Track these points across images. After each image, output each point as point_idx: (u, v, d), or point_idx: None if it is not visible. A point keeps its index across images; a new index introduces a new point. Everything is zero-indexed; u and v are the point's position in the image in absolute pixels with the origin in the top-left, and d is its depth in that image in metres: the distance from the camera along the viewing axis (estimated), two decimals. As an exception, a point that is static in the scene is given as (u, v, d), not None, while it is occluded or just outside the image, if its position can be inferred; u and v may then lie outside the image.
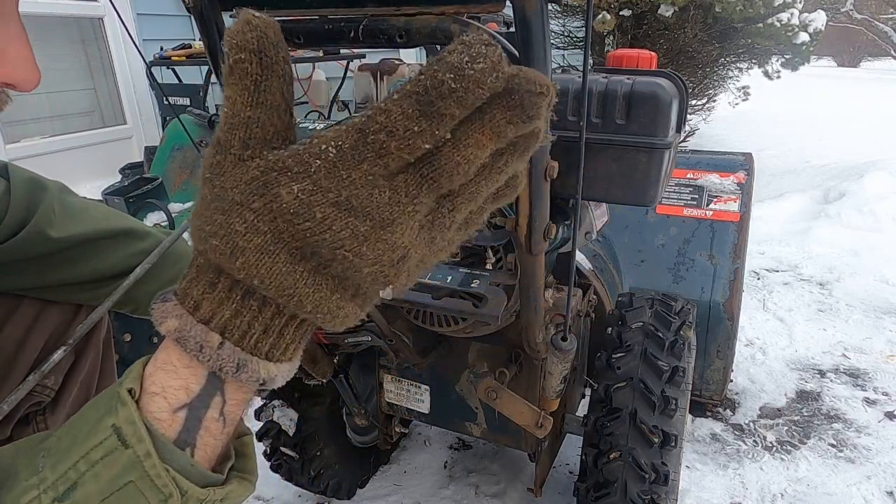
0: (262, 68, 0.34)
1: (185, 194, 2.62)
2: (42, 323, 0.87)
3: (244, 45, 0.34)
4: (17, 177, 0.83)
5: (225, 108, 0.35)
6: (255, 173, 0.34)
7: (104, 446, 0.37)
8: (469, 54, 0.31)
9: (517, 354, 1.23)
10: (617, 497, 1.16)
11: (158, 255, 0.94)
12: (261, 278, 0.35)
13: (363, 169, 0.33)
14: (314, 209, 0.33)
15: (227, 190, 0.35)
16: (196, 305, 0.38)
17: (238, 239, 0.35)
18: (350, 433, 1.60)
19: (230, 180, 0.35)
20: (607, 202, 1.13)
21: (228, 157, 0.35)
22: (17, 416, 0.85)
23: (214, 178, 0.36)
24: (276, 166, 0.34)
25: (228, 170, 0.35)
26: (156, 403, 0.39)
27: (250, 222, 0.34)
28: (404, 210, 0.35)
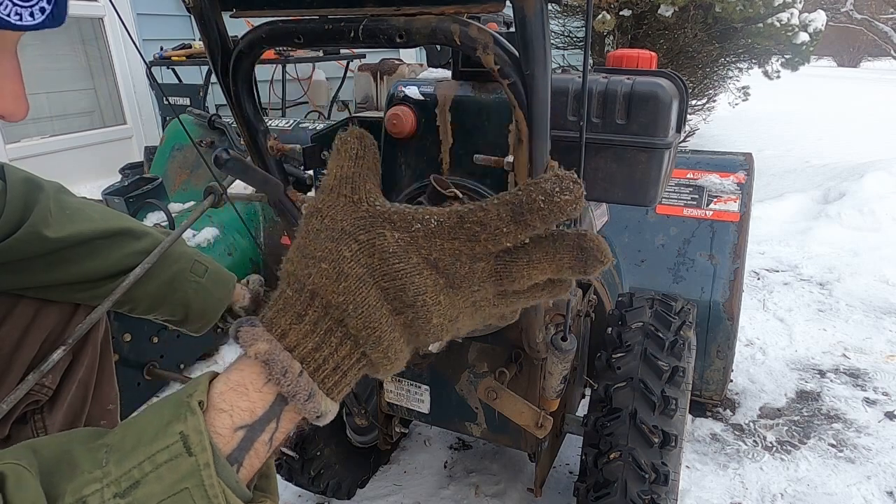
0: (362, 146, 0.45)
1: (185, 194, 2.62)
2: (39, 322, 0.87)
3: (352, 134, 0.45)
4: (13, 177, 0.83)
5: (332, 170, 0.44)
6: (363, 213, 0.42)
7: (170, 450, 0.39)
8: (560, 186, 0.40)
9: (517, 354, 1.23)
10: (617, 497, 1.16)
11: (158, 255, 0.94)
12: (355, 305, 0.41)
13: (454, 245, 0.41)
14: (410, 255, 0.41)
15: (337, 221, 0.42)
16: (283, 334, 0.42)
17: (344, 265, 0.41)
18: (350, 433, 1.60)
19: (341, 213, 0.42)
20: (607, 202, 1.13)
21: (341, 198, 0.43)
22: (14, 415, 0.86)
23: (325, 209, 0.43)
24: (383, 215, 0.42)
25: (341, 206, 0.43)
26: (220, 420, 0.41)
27: (355, 251, 0.41)
28: (472, 287, 0.43)
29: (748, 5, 4.03)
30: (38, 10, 0.50)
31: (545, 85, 0.54)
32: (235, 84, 0.71)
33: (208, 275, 1.05)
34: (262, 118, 0.82)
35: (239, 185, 2.25)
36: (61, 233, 0.85)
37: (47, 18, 0.51)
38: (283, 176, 0.91)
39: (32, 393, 0.86)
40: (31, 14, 0.49)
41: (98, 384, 1.00)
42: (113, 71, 4.62)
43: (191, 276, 1.02)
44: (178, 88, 3.91)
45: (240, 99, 0.73)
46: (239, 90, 0.72)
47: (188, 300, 1.02)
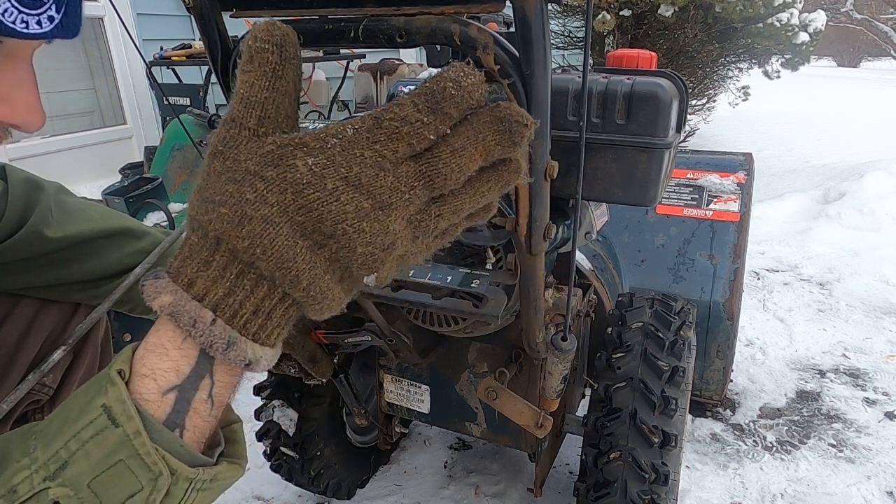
0: (282, 59, 0.38)
1: (185, 194, 2.62)
2: (40, 322, 0.87)
3: (268, 38, 0.38)
4: (14, 177, 0.83)
5: (241, 90, 0.39)
6: (270, 147, 0.37)
7: (94, 425, 0.38)
8: (463, 71, 0.39)
9: (517, 354, 1.23)
10: (617, 497, 1.16)
11: (158, 254, 0.94)
12: (263, 248, 0.37)
13: (375, 149, 0.37)
14: (326, 181, 0.37)
15: (240, 162, 0.38)
16: (190, 283, 0.39)
17: (247, 207, 0.36)
18: (350, 433, 1.60)
19: (244, 152, 0.38)
20: (607, 202, 1.13)
21: (244, 131, 0.38)
22: (15, 415, 0.86)
23: (227, 150, 0.38)
24: (294, 142, 0.38)
25: (243, 143, 0.38)
26: (145, 385, 0.39)
27: (260, 192, 0.37)
28: (402, 197, 0.39)
29: (748, 5, 4.03)
30: (47, 18, 0.48)
31: (545, 85, 0.54)
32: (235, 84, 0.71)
33: (208, 275, 1.05)
34: (262, 118, 0.82)
35: (239, 185, 2.25)
36: (62, 233, 0.85)
37: (57, 28, 0.49)
38: (283, 176, 0.91)
39: (33, 393, 0.86)
40: (38, 22, 0.48)
41: (98, 384, 1.00)
42: (113, 71, 4.62)
43: (191, 275, 1.02)
44: (178, 88, 3.91)
45: (240, 99, 0.73)
46: (239, 90, 0.72)
47: (188, 300, 1.02)
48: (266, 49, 0.38)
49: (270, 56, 0.38)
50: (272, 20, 0.39)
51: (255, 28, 0.39)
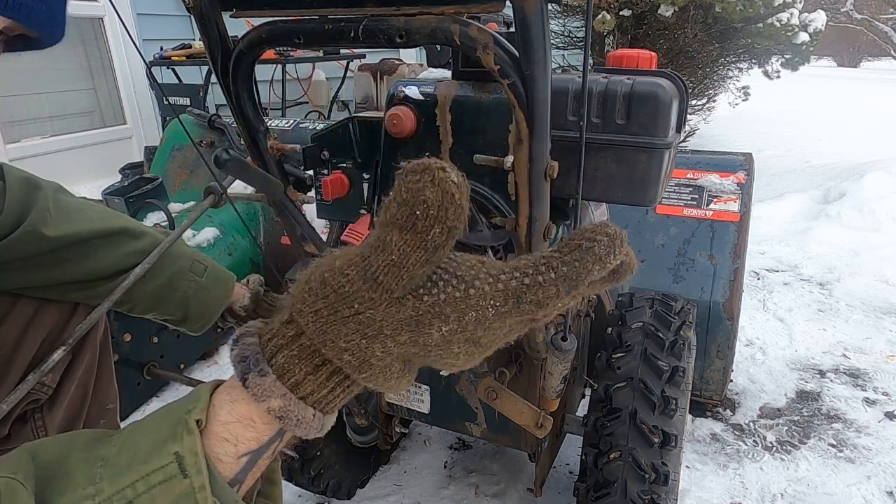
0: (448, 239, 0.37)
1: (185, 194, 2.62)
2: (39, 322, 0.87)
3: (441, 218, 0.36)
4: (12, 177, 0.83)
5: (393, 254, 0.37)
6: (410, 313, 0.38)
7: (164, 471, 0.38)
8: (615, 251, 0.38)
9: (517, 354, 1.23)
10: (617, 497, 1.16)
11: (158, 255, 0.94)
12: (371, 381, 0.40)
13: (504, 321, 0.39)
14: (452, 345, 0.39)
15: (376, 321, 0.38)
16: (297, 384, 0.41)
17: (372, 359, 0.39)
18: (350, 433, 1.60)
19: (382, 314, 0.38)
20: (607, 202, 1.13)
21: (385, 295, 0.38)
22: (15, 414, 0.86)
23: (364, 308, 0.38)
24: (433, 310, 0.38)
25: (382, 307, 0.38)
26: (223, 448, 0.41)
27: (388, 349, 0.39)
28: (503, 340, 0.42)
29: (748, 5, 4.03)
30: None
31: (545, 85, 0.54)
32: (235, 84, 0.71)
33: (208, 274, 1.05)
34: (262, 118, 0.82)
35: (239, 185, 2.25)
36: (60, 232, 0.85)
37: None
38: (283, 176, 0.91)
39: (32, 392, 0.86)
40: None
41: (98, 384, 1.00)
42: (113, 71, 4.62)
43: (190, 275, 1.02)
44: (178, 88, 3.90)
45: (240, 99, 0.73)
46: (239, 90, 0.72)
47: (187, 300, 1.02)
48: (436, 230, 0.36)
49: (439, 238, 0.36)
50: (445, 176, 0.36)
51: (426, 181, 0.35)
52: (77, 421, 0.97)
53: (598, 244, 0.38)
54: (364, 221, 1.49)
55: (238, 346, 0.42)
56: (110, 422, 1.04)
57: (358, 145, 1.13)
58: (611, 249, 0.38)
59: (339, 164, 1.20)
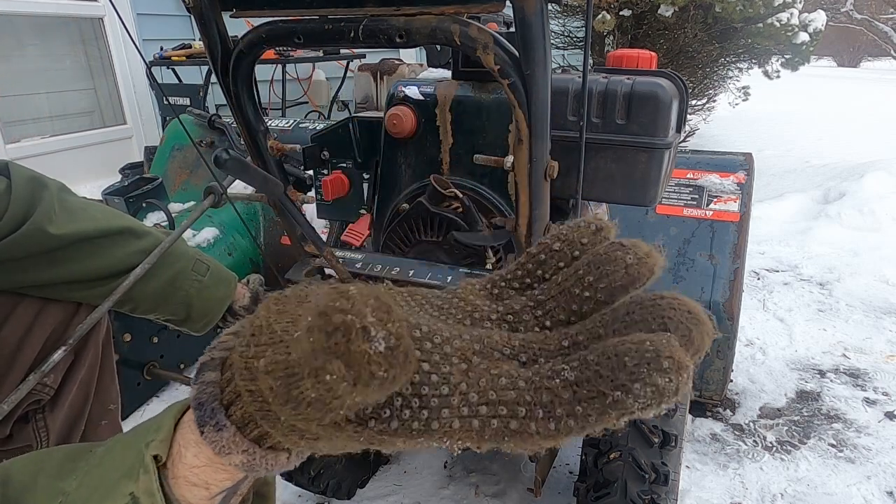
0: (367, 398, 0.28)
1: (185, 194, 2.62)
2: (42, 322, 0.87)
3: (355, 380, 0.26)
4: (17, 175, 0.83)
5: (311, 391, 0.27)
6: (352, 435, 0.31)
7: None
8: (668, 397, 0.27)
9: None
10: (617, 497, 1.16)
11: (158, 255, 0.94)
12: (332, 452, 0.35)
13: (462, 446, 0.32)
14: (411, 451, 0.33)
15: (311, 431, 0.31)
16: (261, 436, 0.34)
17: (320, 450, 0.34)
18: (350, 433, 1.60)
19: (317, 430, 0.31)
20: (607, 202, 1.13)
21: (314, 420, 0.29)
22: (16, 415, 0.86)
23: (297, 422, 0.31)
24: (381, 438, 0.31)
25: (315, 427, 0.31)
26: (193, 493, 0.37)
27: (337, 446, 0.33)
28: None
29: (748, 5, 4.03)
30: None
31: (545, 85, 0.54)
32: (235, 84, 0.71)
33: (210, 274, 1.05)
34: (262, 118, 0.82)
35: (239, 185, 2.26)
36: (64, 230, 0.85)
37: None
38: (283, 176, 0.91)
39: (34, 393, 0.86)
40: None
41: (99, 384, 1.00)
42: (113, 71, 4.62)
43: (192, 275, 1.02)
44: (178, 88, 3.90)
45: (240, 99, 0.73)
46: (239, 90, 0.72)
47: (190, 299, 1.02)
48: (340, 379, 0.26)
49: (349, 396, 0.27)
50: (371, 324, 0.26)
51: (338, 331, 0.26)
52: (79, 421, 0.97)
53: (636, 398, 0.26)
54: (364, 221, 1.49)
55: (197, 385, 0.35)
56: (112, 422, 1.04)
57: (358, 145, 1.13)
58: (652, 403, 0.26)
59: (339, 164, 1.20)
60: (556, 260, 0.35)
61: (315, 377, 0.26)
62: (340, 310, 0.26)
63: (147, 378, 2.05)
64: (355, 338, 0.26)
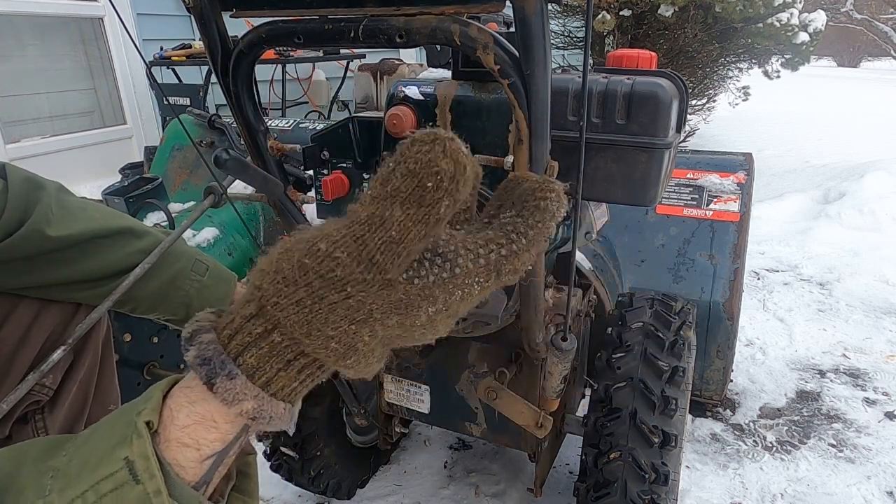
0: (453, 204, 0.36)
1: (185, 194, 2.61)
2: (41, 322, 0.87)
3: (452, 191, 0.35)
4: (14, 176, 0.83)
5: (391, 230, 0.35)
6: (401, 296, 0.37)
7: (114, 479, 0.36)
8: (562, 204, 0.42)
9: (517, 354, 1.23)
10: (617, 497, 1.16)
11: (158, 255, 0.94)
12: (349, 366, 0.39)
13: (484, 292, 0.40)
14: (437, 324, 0.39)
15: (366, 304, 0.36)
16: (268, 381, 0.38)
17: (359, 344, 0.37)
18: (350, 433, 1.60)
19: (373, 297, 0.36)
20: (607, 202, 1.13)
21: (378, 277, 0.36)
22: (15, 415, 0.86)
23: (355, 292, 0.36)
24: (423, 293, 0.37)
25: (375, 290, 0.36)
26: (184, 454, 0.38)
27: (376, 333, 0.38)
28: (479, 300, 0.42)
29: (748, 5, 4.03)
30: None
31: (545, 85, 0.54)
32: (235, 84, 0.71)
33: (209, 274, 1.05)
34: (262, 118, 0.82)
35: (239, 185, 2.25)
36: (63, 231, 0.85)
37: None
38: (283, 176, 0.91)
39: (33, 393, 0.86)
40: None
41: (99, 384, 1.00)
42: (113, 71, 4.62)
43: (192, 274, 1.02)
44: (178, 88, 3.90)
45: (240, 99, 0.73)
46: (239, 90, 0.72)
47: (189, 299, 1.02)
48: (444, 202, 0.35)
49: (447, 205, 0.35)
50: (451, 137, 0.35)
51: (438, 151, 0.34)
52: (78, 421, 0.97)
53: (550, 200, 0.41)
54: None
55: (195, 347, 0.38)
56: (111, 422, 1.04)
57: (358, 145, 1.13)
58: (559, 203, 0.41)
59: (339, 164, 1.20)
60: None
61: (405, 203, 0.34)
62: (430, 132, 0.34)
63: (147, 378, 2.04)
64: (450, 143, 0.34)
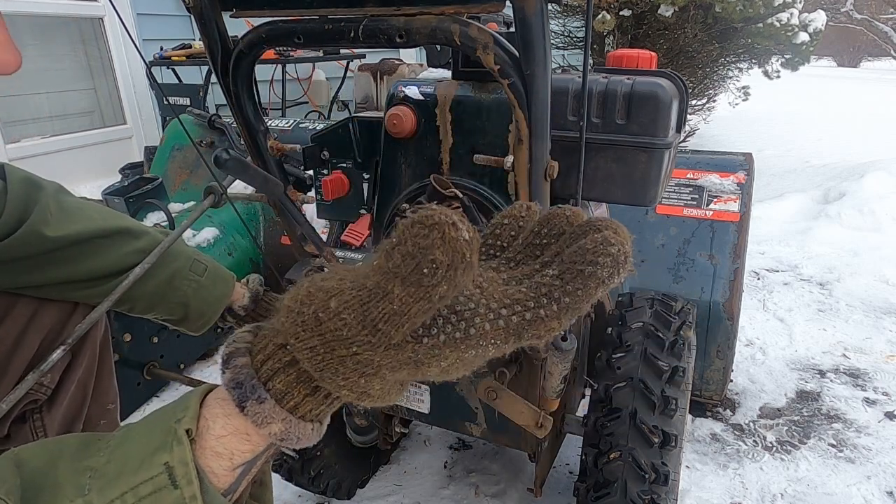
0: (452, 288, 0.35)
1: (185, 194, 2.62)
2: (38, 321, 0.87)
3: (450, 278, 0.34)
4: (13, 177, 0.83)
5: (394, 304, 0.35)
6: (410, 355, 0.38)
7: (154, 482, 0.38)
8: (619, 272, 0.38)
9: (517, 354, 1.23)
10: (617, 497, 1.16)
11: (157, 255, 0.94)
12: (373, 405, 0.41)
13: (500, 350, 0.39)
14: (451, 374, 0.39)
15: (374, 362, 0.37)
16: (295, 406, 0.41)
17: (370, 391, 0.39)
18: (350, 433, 1.60)
19: (380, 356, 0.37)
20: (607, 202, 1.13)
21: (383, 342, 0.37)
22: (13, 414, 0.86)
23: (362, 350, 0.37)
24: (433, 352, 0.38)
25: (381, 352, 0.37)
26: (218, 462, 0.40)
27: (388, 383, 0.39)
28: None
29: (748, 5, 4.03)
30: None
31: (545, 85, 0.54)
32: (235, 84, 0.71)
33: (208, 274, 1.05)
34: (262, 118, 0.82)
35: (239, 185, 2.25)
36: (61, 232, 0.85)
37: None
38: (283, 176, 0.91)
39: (31, 392, 0.86)
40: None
41: (97, 384, 1.00)
42: (113, 71, 4.62)
43: (190, 274, 1.02)
44: (178, 88, 3.90)
45: (240, 99, 0.73)
46: (239, 90, 0.72)
47: (187, 299, 1.02)
48: (439, 279, 0.34)
49: (445, 289, 0.35)
50: (452, 221, 0.34)
51: (435, 238, 0.34)
52: (77, 421, 0.97)
53: (602, 268, 0.37)
54: (364, 221, 1.49)
55: (230, 370, 0.41)
56: (110, 422, 1.04)
57: (358, 145, 1.13)
58: (614, 271, 0.37)
59: (339, 164, 1.20)
60: (507, 231, 0.45)
61: (405, 282, 0.34)
62: (431, 215, 0.34)
63: (147, 378, 2.04)
64: (449, 229, 0.33)
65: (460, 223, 0.34)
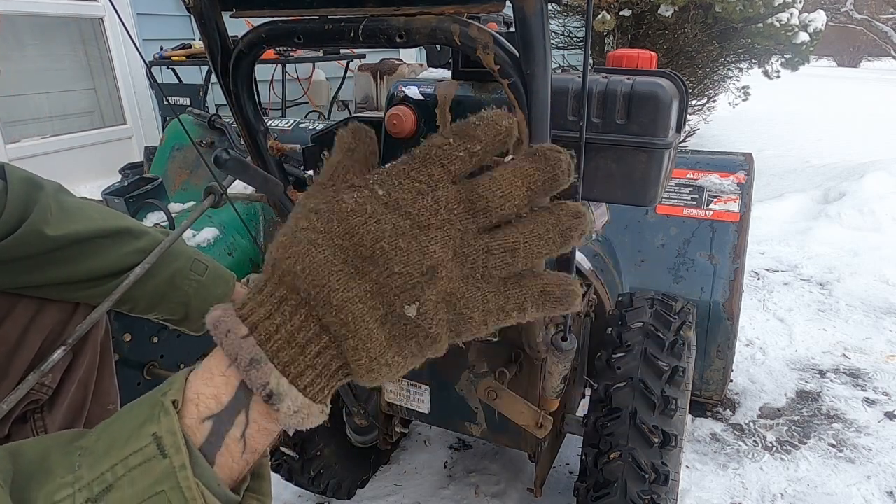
0: (355, 140, 0.46)
1: (185, 194, 2.61)
2: (39, 322, 0.87)
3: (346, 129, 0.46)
4: (13, 176, 0.83)
5: (325, 163, 0.45)
6: (331, 192, 0.42)
7: (143, 453, 0.38)
8: (490, 108, 0.44)
9: (517, 354, 1.23)
10: (617, 497, 1.16)
11: (158, 255, 0.94)
12: (303, 266, 0.40)
13: (411, 175, 0.41)
14: (366, 206, 0.40)
15: (306, 205, 0.43)
16: (241, 304, 0.42)
17: (298, 232, 0.41)
18: (350, 433, 1.60)
19: (312, 199, 0.43)
20: (607, 202, 1.13)
21: (317, 186, 0.44)
22: (14, 415, 0.86)
23: (303, 200, 0.44)
24: (346, 184, 0.43)
25: (314, 193, 0.44)
26: (188, 410, 0.40)
27: (312, 221, 0.41)
28: (440, 216, 0.40)
29: (748, 5, 4.03)
30: None
31: (545, 85, 0.54)
32: (235, 84, 0.71)
33: (209, 273, 1.05)
34: (262, 118, 0.82)
35: (239, 185, 2.25)
36: (61, 231, 0.85)
37: None
38: (283, 176, 0.91)
39: (32, 392, 0.86)
40: None
41: (98, 384, 1.00)
42: (113, 71, 4.62)
43: (191, 274, 1.02)
44: (178, 88, 3.91)
45: (240, 99, 0.73)
46: (239, 90, 0.72)
47: (188, 299, 1.02)
48: (343, 135, 0.46)
49: (347, 138, 0.46)
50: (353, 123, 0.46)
51: (341, 129, 0.47)
52: (77, 422, 0.97)
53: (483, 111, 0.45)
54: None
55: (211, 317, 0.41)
56: (110, 422, 1.04)
57: (358, 145, 1.13)
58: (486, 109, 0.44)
59: (339, 164, 1.20)
60: None
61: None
62: None
63: (147, 378, 2.04)
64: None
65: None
